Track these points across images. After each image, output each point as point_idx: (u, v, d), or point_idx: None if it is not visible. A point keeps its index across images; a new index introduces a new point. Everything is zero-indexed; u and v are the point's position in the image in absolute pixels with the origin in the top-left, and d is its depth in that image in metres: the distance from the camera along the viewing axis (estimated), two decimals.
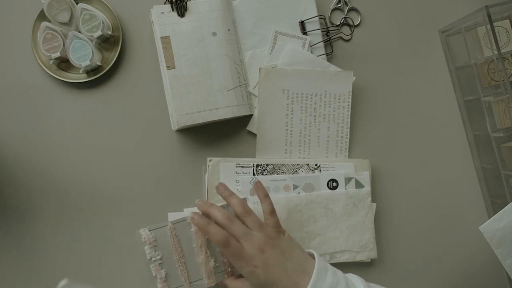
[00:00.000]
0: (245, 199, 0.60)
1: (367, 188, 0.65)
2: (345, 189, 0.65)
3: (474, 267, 0.69)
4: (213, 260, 0.59)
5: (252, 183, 0.65)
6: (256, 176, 0.65)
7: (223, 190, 0.59)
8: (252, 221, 0.55)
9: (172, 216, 0.64)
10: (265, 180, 0.65)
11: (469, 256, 0.69)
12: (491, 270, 0.69)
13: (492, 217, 0.61)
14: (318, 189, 0.65)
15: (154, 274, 0.58)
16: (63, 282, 0.50)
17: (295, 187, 0.65)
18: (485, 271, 0.69)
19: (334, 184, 0.65)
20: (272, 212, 0.57)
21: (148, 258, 0.58)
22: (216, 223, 0.54)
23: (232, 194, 0.58)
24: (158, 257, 0.58)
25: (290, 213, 0.64)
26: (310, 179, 0.65)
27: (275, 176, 0.65)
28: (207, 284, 0.59)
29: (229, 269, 0.60)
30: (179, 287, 0.58)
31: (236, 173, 0.65)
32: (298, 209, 0.64)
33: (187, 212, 0.64)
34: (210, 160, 0.65)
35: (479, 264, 0.69)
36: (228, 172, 0.65)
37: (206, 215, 0.56)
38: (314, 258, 0.54)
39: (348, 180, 0.65)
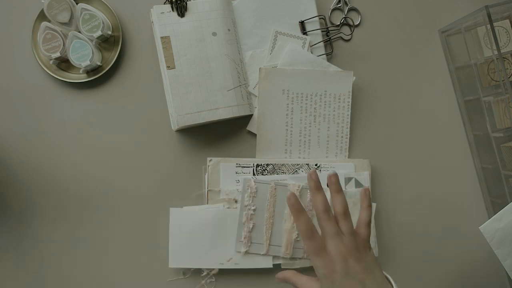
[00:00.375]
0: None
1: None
2: (345, 189, 0.65)
3: (474, 267, 0.69)
4: (296, 232, 0.61)
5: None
6: (256, 176, 0.65)
7: (334, 182, 0.53)
8: (347, 225, 0.51)
9: (175, 212, 0.64)
10: (265, 180, 0.65)
11: (469, 256, 0.69)
12: (491, 270, 0.69)
13: (492, 217, 0.61)
14: None
15: (243, 221, 0.61)
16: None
17: None
18: (485, 271, 0.69)
19: None
20: (368, 224, 0.53)
21: (245, 204, 0.62)
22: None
23: (340, 190, 0.53)
24: (253, 208, 0.62)
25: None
26: None
27: (275, 176, 0.65)
28: (283, 253, 0.62)
29: (305, 255, 0.62)
30: (258, 243, 0.61)
31: (236, 173, 0.65)
32: None
33: (187, 210, 0.64)
34: (210, 160, 0.65)
35: (479, 264, 0.69)
36: (228, 172, 0.65)
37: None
38: (390, 283, 0.51)
39: (348, 180, 0.65)
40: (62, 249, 0.64)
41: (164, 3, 0.63)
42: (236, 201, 0.64)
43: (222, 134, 0.67)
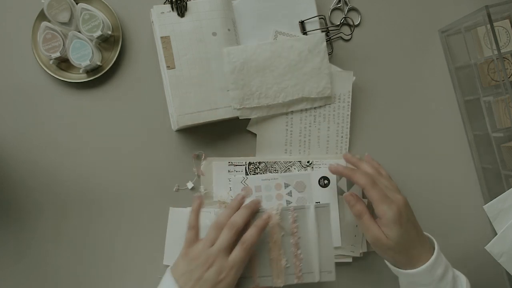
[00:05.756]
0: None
1: (321, 34, 0.65)
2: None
3: (473, 266, 0.69)
4: (285, 259, 0.58)
5: (244, 183, 0.64)
6: (249, 176, 0.65)
7: (350, 157, 0.63)
8: (392, 183, 0.59)
9: (174, 211, 0.64)
10: (257, 179, 0.65)
11: (468, 256, 0.69)
12: (490, 269, 0.69)
13: (497, 197, 0.61)
14: (310, 187, 0.65)
15: None
16: None
17: (286, 185, 0.65)
18: (484, 270, 0.69)
19: (326, 181, 0.65)
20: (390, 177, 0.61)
21: None
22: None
23: (361, 159, 0.63)
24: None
25: (245, 63, 0.63)
26: (301, 177, 0.65)
27: (266, 175, 0.65)
28: (275, 283, 0.57)
29: (300, 273, 0.58)
30: (248, 277, 0.57)
31: (229, 171, 0.65)
32: (253, 58, 0.63)
33: (187, 211, 0.64)
34: (203, 159, 0.65)
35: (479, 263, 0.69)
36: (221, 171, 0.65)
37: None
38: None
39: (339, 177, 0.65)
40: (59, 246, 0.64)
41: (164, 3, 0.63)
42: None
43: (222, 134, 0.67)
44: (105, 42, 0.65)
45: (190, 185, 0.65)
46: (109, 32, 0.64)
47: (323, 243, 0.58)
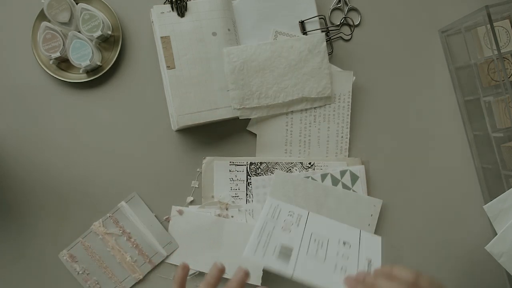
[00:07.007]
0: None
1: (321, 34, 0.65)
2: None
3: (473, 266, 0.69)
4: (128, 255, 0.63)
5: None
6: (251, 176, 0.65)
7: (362, 276, 0.53)
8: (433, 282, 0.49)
9: (176, 210, 0.64)
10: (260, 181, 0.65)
11: (468, 256, 0.69)
12: (490, 269, 0.69)
13: (497, 197, 0.61)
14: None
15: (87, 285, 0.63)
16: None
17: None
18: (484, 270, 0.69)
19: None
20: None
21: (77, 273, 0.63)
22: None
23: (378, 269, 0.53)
24: (82, 270, 0.63)
25: (245, 63, 0.63)
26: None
27: (269, 176, 0.65)
28: (135, 278, 0.63)
29: (148, 259, 0.63)
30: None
31: (230, 171, 0.65)
32: (253, 58, 0.63)
33: (189, 210, 0.64)
34: (204, 159, 0.65)
35: (478, 263, 0.69)
36: (222, 171, 0.65)
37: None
38: None
39: (343, 173, 0.65)
40: (59, 246, 0.64)
41: (164, 3, 0.63)
42: (227, 208, 0.64)
43: (222, 134, 0.67)
44: (105, 42, 0.65)
45: (195, 183, 0.66)
46: (109, 32, 0.64)
47: (150, 224, 0.64)
